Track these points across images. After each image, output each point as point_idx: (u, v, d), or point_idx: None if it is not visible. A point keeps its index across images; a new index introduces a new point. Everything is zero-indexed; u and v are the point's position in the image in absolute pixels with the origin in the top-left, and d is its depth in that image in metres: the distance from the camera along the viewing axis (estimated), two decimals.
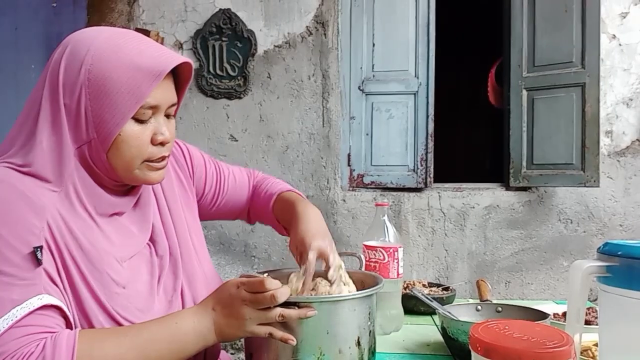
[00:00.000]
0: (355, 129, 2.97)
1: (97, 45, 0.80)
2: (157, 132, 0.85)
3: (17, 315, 0.71)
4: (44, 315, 0.74)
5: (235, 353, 2.82)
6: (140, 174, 0.85)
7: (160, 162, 0.87)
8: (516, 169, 2.80)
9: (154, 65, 0.80)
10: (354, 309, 0.86)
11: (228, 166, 1.20)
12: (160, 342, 0.79)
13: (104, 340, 0.76)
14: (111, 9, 2.98)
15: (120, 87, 0.79)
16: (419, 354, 1.11)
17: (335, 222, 2.87)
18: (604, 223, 2.80)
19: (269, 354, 0.85)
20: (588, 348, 1.01)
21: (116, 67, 0.79)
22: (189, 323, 0.81)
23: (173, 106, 0.89)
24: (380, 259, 1.23)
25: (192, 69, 0.90)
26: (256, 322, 0.81)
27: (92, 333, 0.76)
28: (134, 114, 0.80)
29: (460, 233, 2.84)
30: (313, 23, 2.88)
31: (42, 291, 0.74)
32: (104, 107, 0.79)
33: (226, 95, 2.91)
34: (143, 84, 0.79)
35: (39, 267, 0.74)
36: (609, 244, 0.75)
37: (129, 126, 0.81)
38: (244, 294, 0.81)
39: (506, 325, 0.72)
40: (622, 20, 2.80)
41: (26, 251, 0.74)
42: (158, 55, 0.82)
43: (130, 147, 0.82)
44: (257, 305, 0.81)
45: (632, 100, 2.81)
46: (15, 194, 0.76)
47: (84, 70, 0.79)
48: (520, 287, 2.82)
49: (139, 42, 0.83)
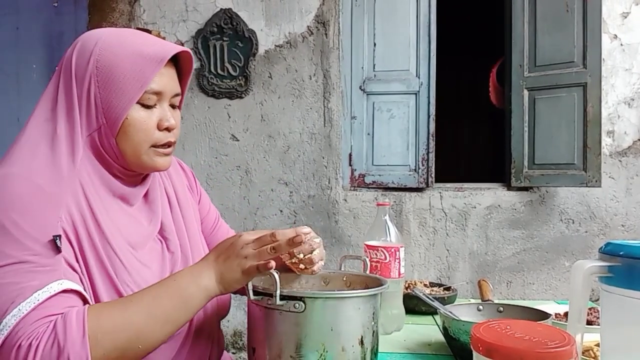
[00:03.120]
0: (357, 128, 2.97)
1: (104, 37, 0.88)
2: (162, 118, 0.90)
3: (38, 299, 0.74)
4: (64, 298, 0.77)
5: (236, 352, 2.82)
6: (148, 160, 0.90)
7: (167, 148, 0.92)
8: (518, 169, 2.80)
9: (156, 52, 0.87)
10: (358, 307, 0.86)
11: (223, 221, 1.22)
12: (163, 299, 0.80)
13: (110, 310, 0.78)
14: (112, 9, 2.98)
15: (125, 73, 0.85)
16: (420, 354, 1.11)
17: (336, 221, 2.87)
18: (606, 223, 2.79)
19: (271, 349, 0.85)
20: (590, 348, 1.01)
21: (121, 54, 0.86)
22: (188, 277, 0.83)
23: (177, 96, 0.94)
24: (382, 258, 1.23)
25: (192, 60, 0.96)
26: (254, 260, 0.82)
27: (99, 306, 0.79)
28: (140, 98, 0.86)
29: (462, 233, 2.84)
30: (314, 23, 2.88)
31: (61, 277, 0.77)
32: (111, 92, 0.85)
33: (227, 95, 2.91)
34: (147, 69, 0.86)
35: (58, 254, 0.78)
36: (610, 244, 0.75)
37: (135, 111, 0.87)
38: (246, 237, 0.84)
39: (508, 325, 0.72)
40: (624, 20, 2.80)
41: (45, 240, 0.77)
42: (160, 44, 0.89)
43: (138, 131, 0.88)
44: (258, 244, 0.83)
45: (633, 100, 2.80)
46: (31, 187, 0.79)
47: (92, 60, 0.85)
48: (522, 287, 2.81)
49: (142, 35, 0.91)
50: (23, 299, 0.73)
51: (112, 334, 0.75)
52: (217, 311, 1.01)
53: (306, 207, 2.88)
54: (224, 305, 1.04)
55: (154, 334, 0.79)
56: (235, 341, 2.85)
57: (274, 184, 2.90)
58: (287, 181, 2.90)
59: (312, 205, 2.88)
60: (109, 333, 0.75)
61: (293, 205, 2.89)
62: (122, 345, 0.76)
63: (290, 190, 2.90)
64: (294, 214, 2.88)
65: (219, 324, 1.06)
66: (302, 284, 1.05)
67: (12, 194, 0.78)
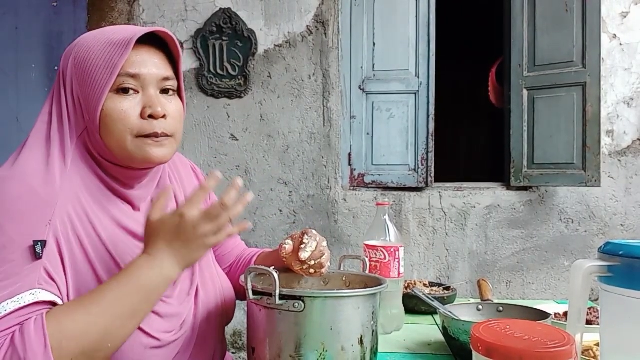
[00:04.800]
0: (356, 128, 2.97)
1: (83, 37, 0.88)
2: (146, 105, 0.84)
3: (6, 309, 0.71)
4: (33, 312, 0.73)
5: (236, 352, 2.82)
6: (137, 150, 0.84)
7: (158, 138, 0.85)
8: (517, 169, 2.80)
9: (124, 37, 0.83)
10: (358, 306, 0.86)
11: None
12: (127, 296, 0.77)
13: (72, 314, 0.74)
14: (111, 9, 2.97)
15: (97, 64, 0.82)
16: (419, 354, 1.11)
17: (336, 221, 2.87)
18: (605, 223, 2.80)
19: (271, 348, 0.85)
20: (589, 348, 1.01)
21: (93, 47, 0.84)
22: (149, 270, 0.79)
23: (167, 80, 0.88)
24: (382, 258, 1.23)
25: (176, 42, 0.89)
26: (214, 234, 0.80)
27: (58, 310, 0.75)
28: (115, 85, 0.82)
29: (461, 233, 2.84)
30: (313, 22, 2.88)
31: (35, 286, 0.74)
32: (87, 86, 0.83)
33: (227, 95, 2.91)
34: (115, 54, 0.82)
35: (36, 261, 0.75)
36: (610, 243, 0.75)
37: (110, 100, 0.83)
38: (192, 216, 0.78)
39: (507, 325, 0.72)
40: (623, 20, 2.80)
41: (25, 246, 0.74)
42: (132, 30, 0.85)
43: (116, 122, 0.82)
44: (209, 218, 0.78)
45: (633, 100, 2.80)
46: (23, 189, 0.77)
47: (71, 60, 0.85)
48: (522, 286, 2.81)
49: (119, 27, 0.88)
50: None
51: (77, 339, 0.72)
52: (221, 319, 1.00)
53: (306, 207, 2.88)
54: (229, 312, 1.03)
55: (123, 330, 0.77)
56: (235, 341, 2.85)
57: (274, 184, 2.90)
58: (286, 181, 2.90)
59: (312, 205, 2.88)
60: (74, 338, 0.72)
61: (292, 205, 2.89)
62: (91, 347, 0.73)
63: (289, 190, 2.90)
64: (294, 213, 2.88)
65: (223, 330, 1.05)
66: (302, 283, 1.05)
67: (5, 196, 0.76)
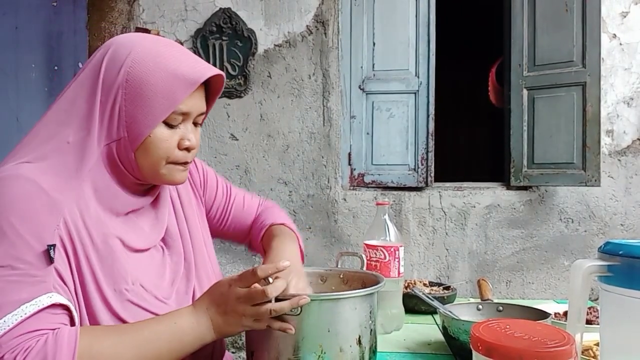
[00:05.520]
0: (356, 128, 2.97)
1: (138, 49, 0.84)
2: (184, 137, 0.88)
3: (25, 312, 0.72)
4: (51, 314, 0.75)
5: (236, 352, 2.82)
6: (167, 174, 0.88)
7: (186, 165, 0.91)
8: (517, 168, 2.80)
9: (190, 74, 0.84)
10: (355, 307, 0.86)
11: (240, 192, 1.22)
12: (160, 341, 0.79)
13: (104, 338, 0.76)
14: (111, 8, 2.97)
15: (156, 91, 0.82)
16: (419, 353, 1.11)
17: (336, 221, 2.87)
18: (605, 222, 2.80)
19: (270, 351, 0.85)
20: (589, 347, 1.01)
21: (154, 71, 0.82)
22: (188, 323, 0.81)
23: (201, 115, 0.92)
24: (381, 258, 1.23)
25: (224, 80, 0.93)
26: (252, 319, 0.81)
27: (93, 330, 0.77)
28: (166, 118, 0.84)
29: (461, 232, 2.84)
30: (313, 22, 2.88)
31: (51, 289, 0.75)
32: (138, 108, 0.82)
33: (227, 95, 2.91)
34: (178, 90, 0.83)
35: (50, 265, 0.75)
36: (610, 243, 0.75)
37: (159, 129, 0.84)
38: (237, 291, 0.81)
39: (507, 324, 0.72)
40: (623, 20, 2.80)
41: (40, 249, 0.75)
42: (194, 65, 0.86)
43: (158, 149, 0.85)
44: (250, 301, 0.80)
45: (632, 100, 2.80)
46: (33, 189, 0.77)
47: (123, 72, 0.82)
48: (521, 286, 2.81)
49: (179, 52, 0.87)
50: (9, 311, 0.71)
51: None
52: None
53: (305, 207, 2.88)
54: None
55: None
56: (234, 340, 2.85)
57: (274, 184, 2.90)
58: (286, 180, 2.90)
59: (312, 205, 2.88)
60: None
61: (292, 205, 2.89)
62: None
63: (289, 189, 2.90)
64: (294, 213, 2.88)
65: None
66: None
67: (15, 195, 0.76)
